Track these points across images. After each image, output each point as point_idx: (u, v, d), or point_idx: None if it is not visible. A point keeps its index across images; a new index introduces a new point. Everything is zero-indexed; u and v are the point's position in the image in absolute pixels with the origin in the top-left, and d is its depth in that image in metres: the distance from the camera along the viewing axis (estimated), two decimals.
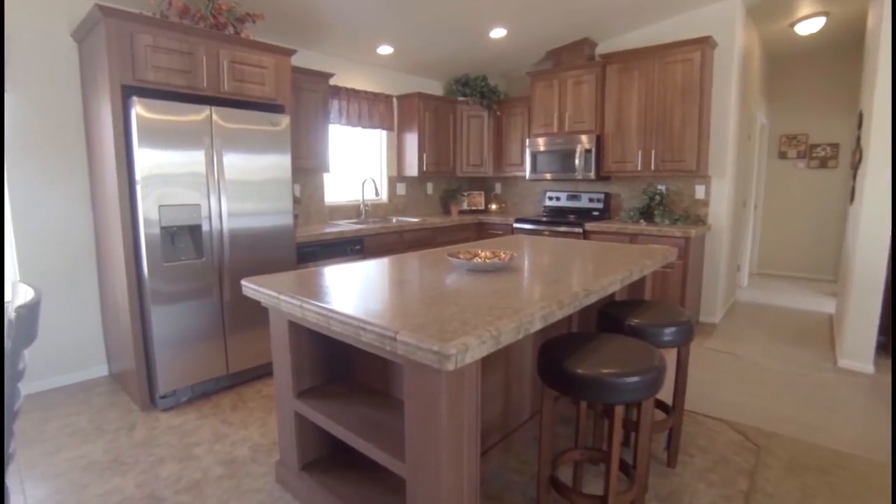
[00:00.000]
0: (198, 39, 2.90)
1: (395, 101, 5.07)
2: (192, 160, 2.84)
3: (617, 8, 4.03)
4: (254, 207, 3.16)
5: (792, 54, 5.97)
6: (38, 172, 3.02)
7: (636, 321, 1.92)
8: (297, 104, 3.88)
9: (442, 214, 5.51)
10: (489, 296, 1.60)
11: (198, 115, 2.85)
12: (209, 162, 2.92)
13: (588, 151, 4.55)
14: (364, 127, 4.73)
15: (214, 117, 2.92)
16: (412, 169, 5.03)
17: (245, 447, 2.47)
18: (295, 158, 3.90)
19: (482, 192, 5.81)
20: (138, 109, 2.61)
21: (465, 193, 5.73)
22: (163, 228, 2.76)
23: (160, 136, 2.71)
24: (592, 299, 1.71)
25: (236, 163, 3.04)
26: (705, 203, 4.36)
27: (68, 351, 3.24)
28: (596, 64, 4.50)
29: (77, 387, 3.21)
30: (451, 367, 1.13)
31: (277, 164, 3.26)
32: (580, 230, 4.39)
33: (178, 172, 2.79)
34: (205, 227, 2.94)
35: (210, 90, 2.98)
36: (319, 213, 4.51)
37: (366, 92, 4.69)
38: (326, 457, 2.12)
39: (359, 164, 4.94)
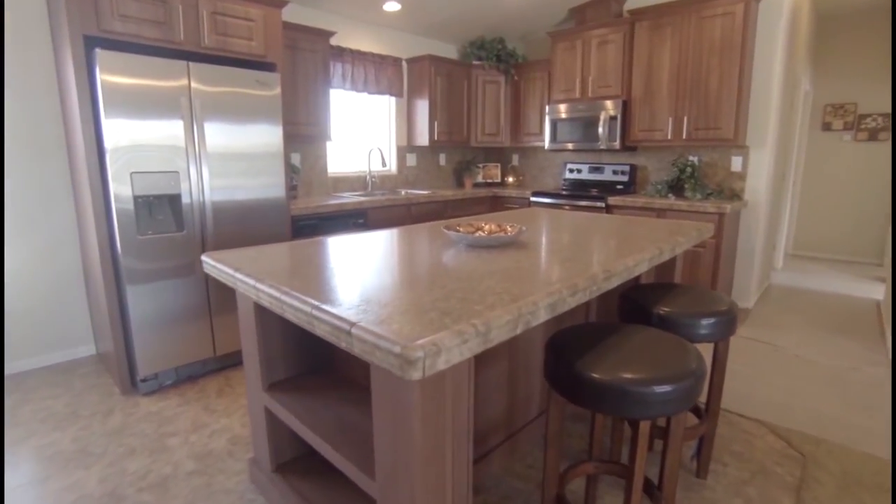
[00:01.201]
0: None
1: (404, 64, 4.71)
2: (168, 121, 2.57)
3: None
4: (240, 179, 2.89)
5: (844, 12, 5.37)
6: (14, 145, 2.79)
7: (666, 309, 1.59)
8: (293, 65, 3.56)
9: (455, 187, 5.18)
10: (486, 277, 1.29)
11: (172, 69, 2.56)
12: (188, 123, 2.64)
13: (613, 119, 4.15)
14: (370, 93, 4.39)
15: (192, 72, 2.63)
16: (423, 138, 4.69)
17: (223, 439, 2.25)
18: (292, 125, 3.61)
19: (498, 164, 5.45)
20: (102, 62, 2.33)
21: (481, 165, 5.37)
22: (136, 198, 2.51)
23: (130, 94, 2.43)
24: (614, 283, 1.39)
25: (219, 127, 2.76)
26: (742, 176, 3.93)
27: (55, 329, 3.06)
28: (623, 21, 4.06)
29: (62, 367, 3.03)
30: (416, 374, 0.84)
31: (267, 130, 2.97)
32: (602, 205, 4.02)
33: (153, 135, 2.52)
34: (185, 199, 2.68)
35: (189, 44, 2.68)
36: (322, 184, 4.23)
37: (372, 54, 4.34)
38: (304, 457, 1.87)
39: (366, 133, 4.62)
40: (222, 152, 2.79)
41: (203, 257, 1.66)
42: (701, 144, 3.80)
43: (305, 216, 3.38)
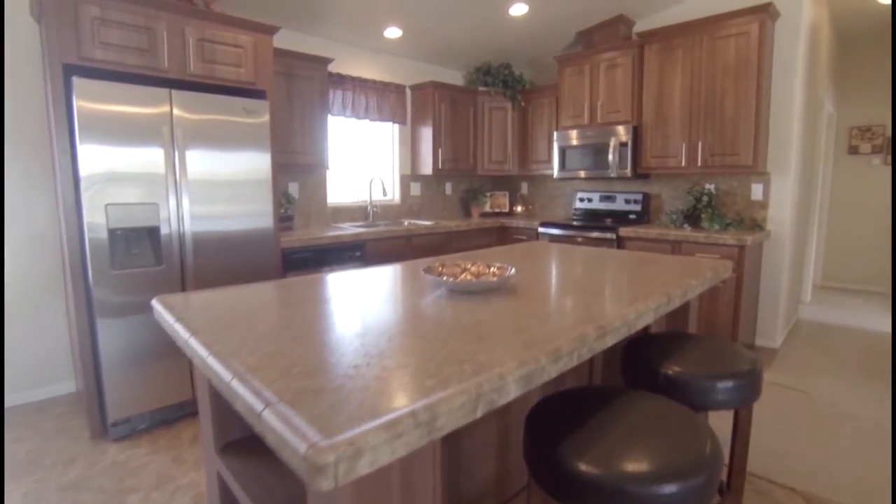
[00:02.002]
0: (157, 13, 2.51)
1: (408, 91, 4.60)
2: (147, 158, 2.45)
3: None
4: (224, 207, 2.75)
5: (864, 30, 5.12)
6: (6, 174, 2.71)
7: (677, 369, 1.35)
8: (289, 93, 3.46)
9: (462, 217, 5.00)
10: (454, 336, 1.09)
11: (154, 97, 2.45)
12: (169, 152, 2.52)
13: (623, 145, 3.95)
14: (372, 120, 4.28)
15: (175, 100, 2.52)
16: (426, 167, 4.54)
17: (187, 497, 2.04)
18: (288, 153, 3.50)
19: (506, 193, 5.26)
20: (79, 90, 2.23)
21: (488, 194, 5.20)
22: (111, 231, 2.37)
23: (108, 122, 2.32)
24: (610, 341, 1.17)
25: (202, 159, 2.64)
26: (763, 205, 3.67)
27: (35, 365, 2.93)
28: (632, 44, 3.89)
29: (39, 405, 2.88)
30: (326, 484, 0.63)
31: (254, 157, 2.84)
32: (613, 236, 3.79)
33: (130, 166, 2.40)
34: (164, 230, 2.54)
35: (174, 72, 2.59)
36: (321, 214, 4.09)
37: (374, 81, 4.25)
38: None
39: (368, 161, 4.50)
40: (205, 180, 2.66)
41: (153, 302, 1.48)
42: (718, 171, 3.57)
43: (297, 249, 3.22)
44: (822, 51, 4.27)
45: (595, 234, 3.90)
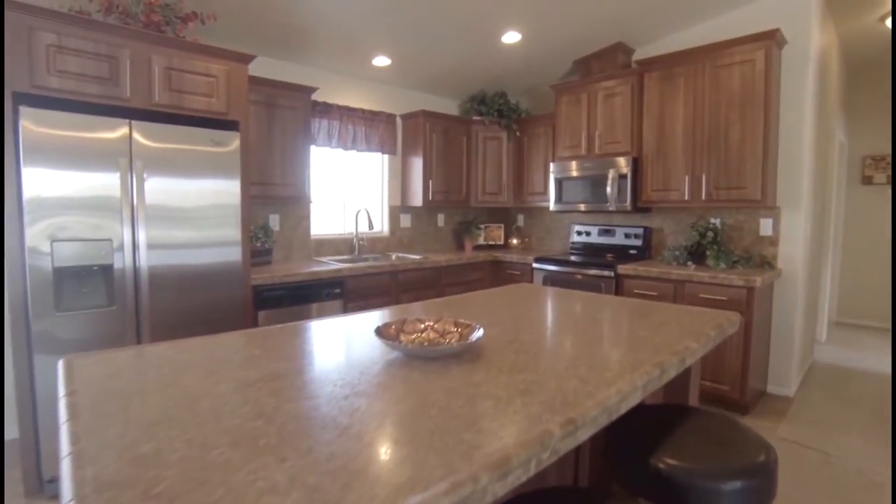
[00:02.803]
0: (121, 41, 2.37)
1: (399, 121, 4.46)
2: (101, 184, 2.28)
3: (654, 1, 3.28)
4: (186, 238, 2.56)
5: (877, 56, 4.94)
6: None
7: (670, 462, 1.11)
8: (269, 123, 3.31)
9: (455, 250, 4.79)
10: (384, 432, 0.86)
11: (112, 130, 2.30)
12: (126, 188, 2.35)
13: (623, 177, 3.75)
14: (360, 150, 4.13)
15: (135, 134, 2.36)
16: (416, 198, 4.36)
17: None
18: (267, 185, 3.33)
19: (501, 226, 5.06)
20: (25, 121, 2.08)
21: (483, 226, 4.99)
22: (57, 269, 2.18)
23: (56, 155, 2.16)
24: (582, 436, 0.93)
25: (163, 188, 2.47)
26: (773, 241, 3.43)
27: None
28: (631, 72, 3.73)
29: None
30: None
31: (222, 189, 2.67)
32: (611, 274, 3.55)
33: (81, 197, 2.23)
34: (117, 265, 2.35)
35: (138, 101, 2.44)
36: (303, 247, 3.90)
37: (363, 110, 4.11)
38: None
39: (356, 193, 4.32)
40: (166, 207, 2.49)
41: (59, 364, 1.27)
42: (723, 205, 3.35)
43: (271, 286, 3.01)
44: (831, 78, 4.08)
45: (592, 272, 3.67)
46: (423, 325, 1.54)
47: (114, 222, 2.33)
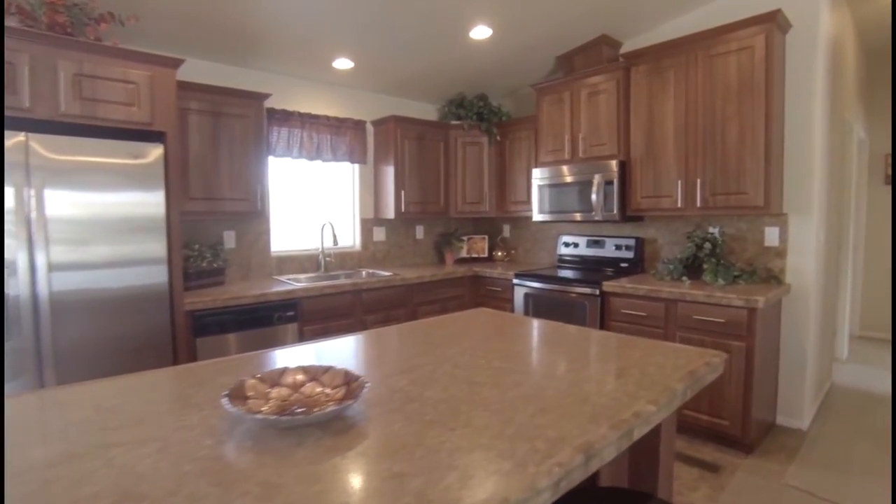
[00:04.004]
0: (19, 44, 2.11)
1: (369, 127, 4.16)
2: None
3: None
4: (98, 258, 2.30)
5: None
6: None
7: None
8: (215, 133, 3.04)
9: (436, 264, 4.46)
10: None
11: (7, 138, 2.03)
12: (21, 204, 2.08)
13: (609, 183, 3.38)
14: (325, 160, 3.83)
15: (34, 146, 2.09)
16: (388, 210, 4.05)
17: None
18: (215, 200, 3.06)
19: (486, 237, 4.71)
20: None
21: (466, 238, 4.65)
22: None
23: None
24: None
25: (70, 203, 2.19)
26: (780, 252, 3.03)
27: None
28: (616, 66, 3.37)
29: None
30: None
31: (143, 201, 2.40)
32: (596, 291, 3.18)
33: None
34: (12, 292, 2.07)
35: (40, 112, 2.17)
36: (263, 265, 3.60)
37: (328, 117, 3.81)
38: None
39: (323, 205, 4.03)
40: (74, 230, 2.22)
41: None
42: (721, 213, 2.96)
43: (210, 311, 2.72)
44: (847, 68, 3.66)
45: (577, 289, 3.30)
46: (302, 378, 1.22)
47: (7, 242, 2.05)
